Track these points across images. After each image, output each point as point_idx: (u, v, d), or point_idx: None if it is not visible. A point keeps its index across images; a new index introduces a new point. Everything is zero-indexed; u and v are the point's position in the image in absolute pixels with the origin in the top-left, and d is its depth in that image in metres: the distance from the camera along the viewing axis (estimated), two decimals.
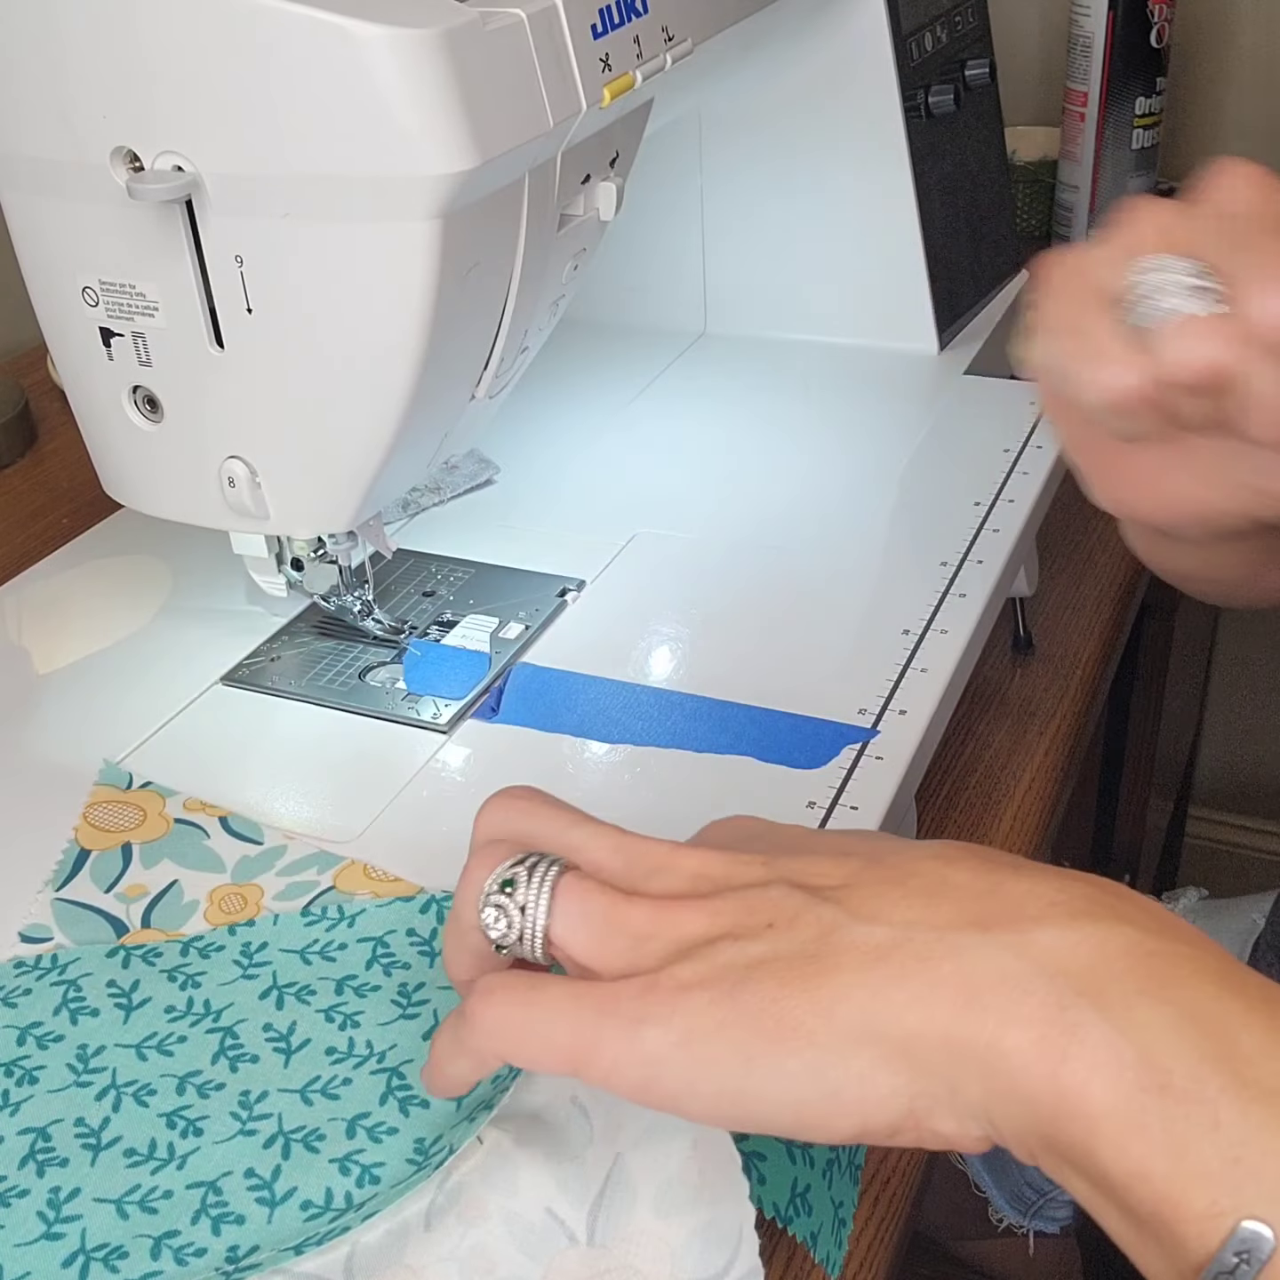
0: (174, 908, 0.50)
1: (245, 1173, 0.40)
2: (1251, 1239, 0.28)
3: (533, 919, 0.34)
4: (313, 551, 0.61)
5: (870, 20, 0.78)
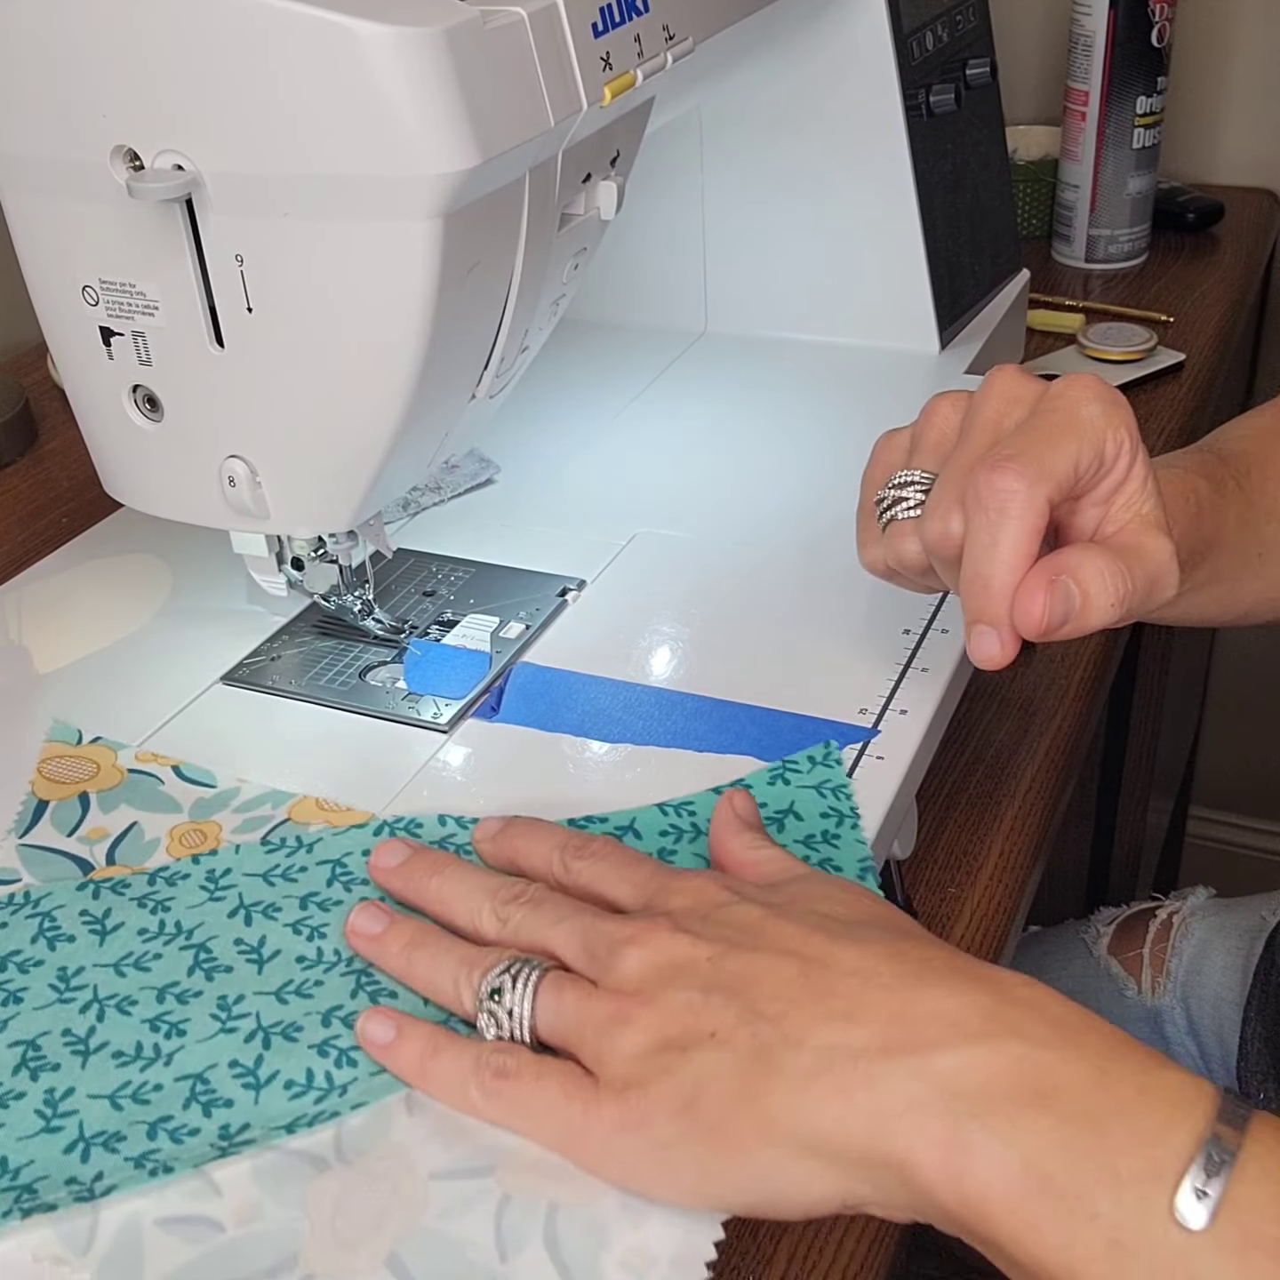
0: (136, 845, 0.51)
1: (229, 1063, 0.43)
2: None
3: (519, 1020, 0.41)
4: (313, 551, 0.61)
5: (871, 19, 0.78)
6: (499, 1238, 0.38)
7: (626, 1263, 0.37)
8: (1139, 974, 0.84)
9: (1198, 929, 0.84)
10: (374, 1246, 0.37)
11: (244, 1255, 0.38)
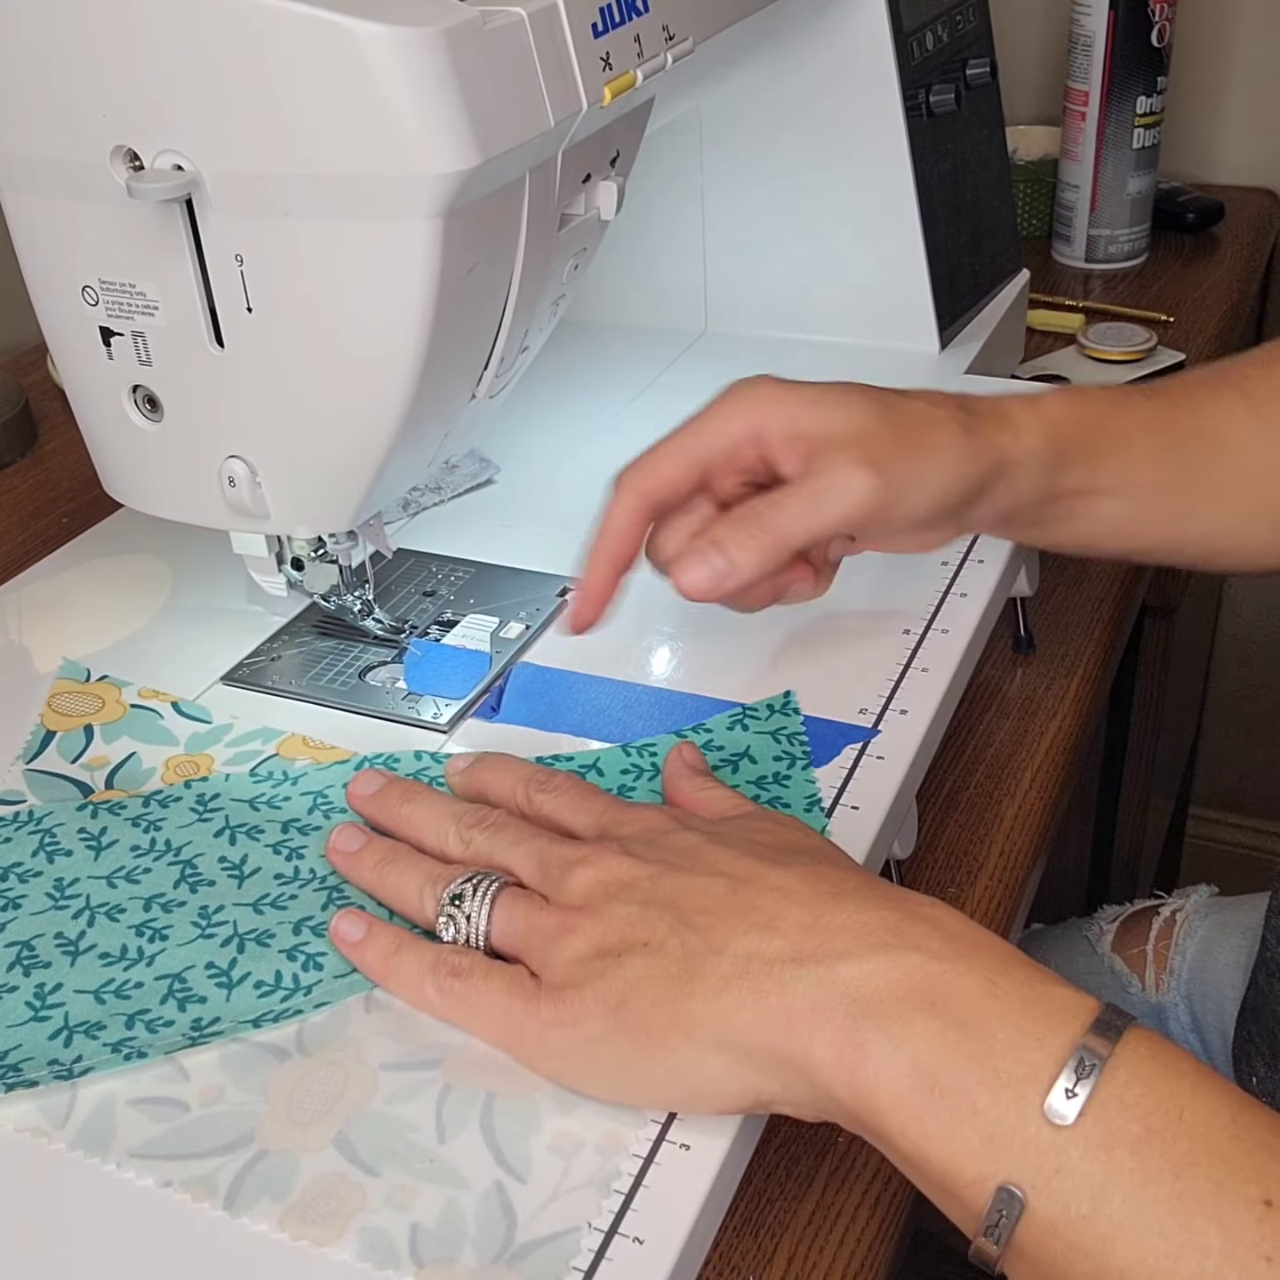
0: (134, 773, 0.55)
1: (205, 965, 0.46)
2: (1005, 1199, 0.35)
3: (475, 926, 0.44)
4: (313, 551, 0.61)
5: (871, 19, 0.78)
6: (439, 1122, 0.41)
7: (554, 1146, 0.40)
8: (1143, 971, 0.84)
9: (1201, 927, 0.84)
10: (324, 1126, 0.41)
11: (205, 1132, 0.41)
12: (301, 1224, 0.39)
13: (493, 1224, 0.39)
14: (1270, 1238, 0.33)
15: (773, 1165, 0.47)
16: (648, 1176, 0.40)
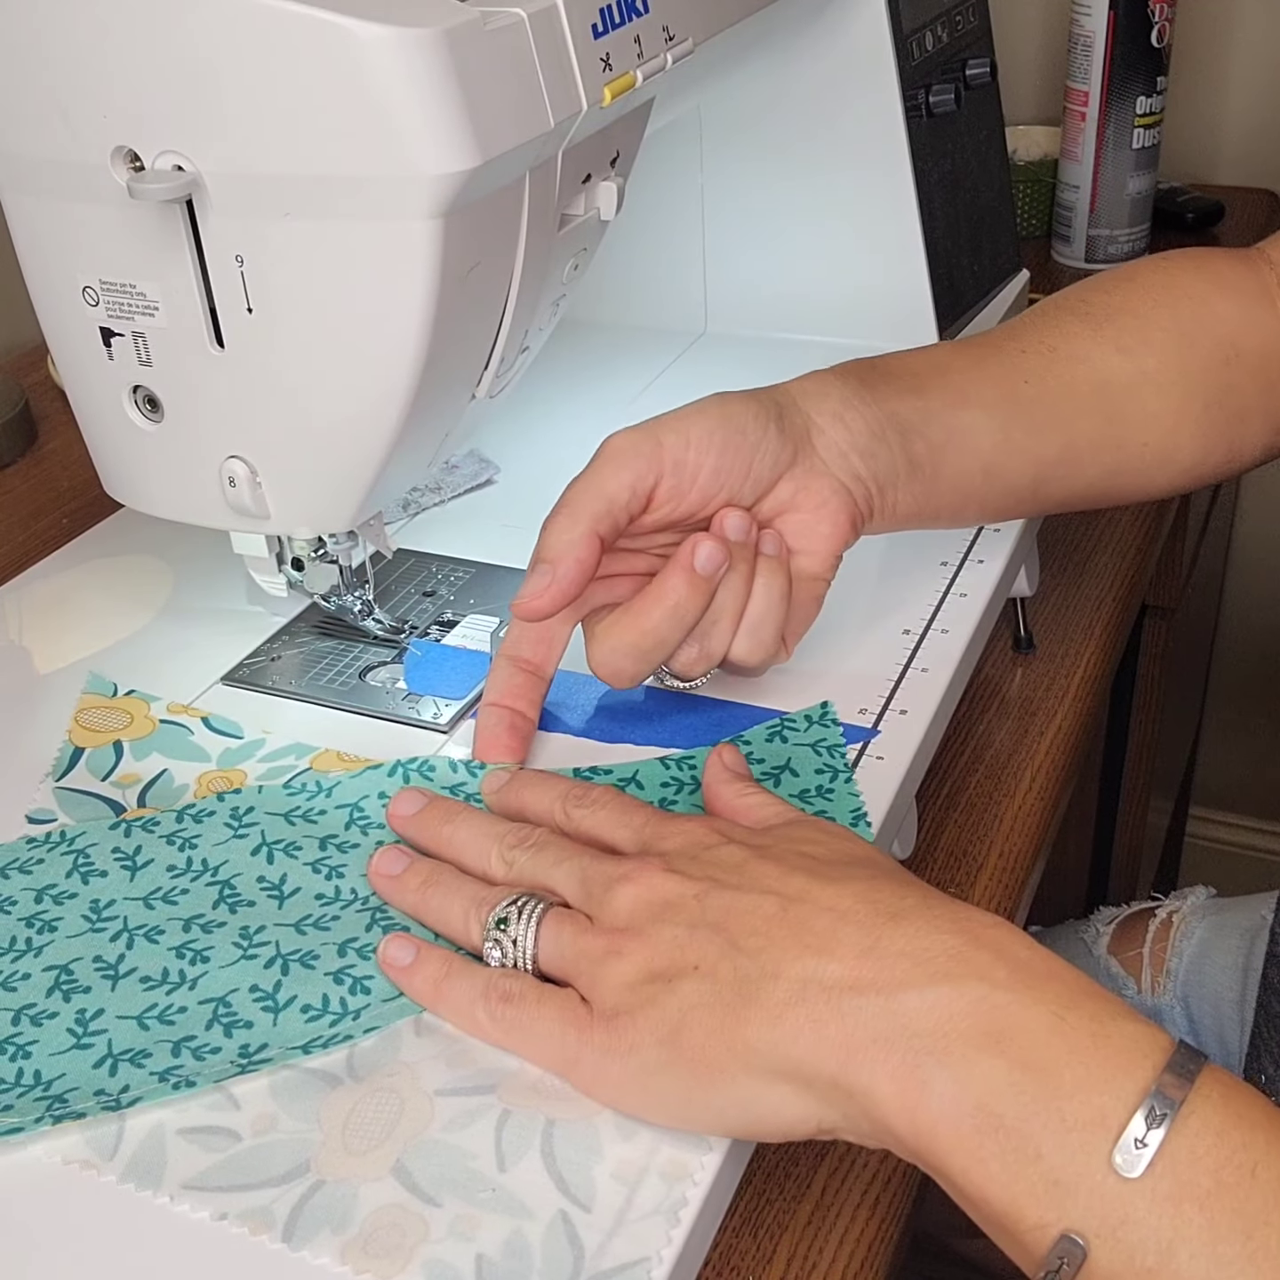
0: (166, 790, 0.54)
1: (250, 988, 0.45)
2: (1068, 1248, 0.34)
3: (522, 949, 0.44)
4: (313, 551, 0.61)
5: (871, 20, 0.78)
6: (499, 1149, 0.40)
7: (618, 1174, 0.40)
8: (1139, 973, 0.84)
9: (1198, 928, 0.84)
10: (381, 1154, 0.40)
11: (259, 1162, 0.40)
12: (364, 1256, 0.38)
13: (560, 1254, 0.38)
14: None
15: (772, 1165, 0.47)
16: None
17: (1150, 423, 0.62)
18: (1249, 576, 1.50)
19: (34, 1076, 0.43)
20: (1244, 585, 1.50)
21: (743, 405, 0.55)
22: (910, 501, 0.58)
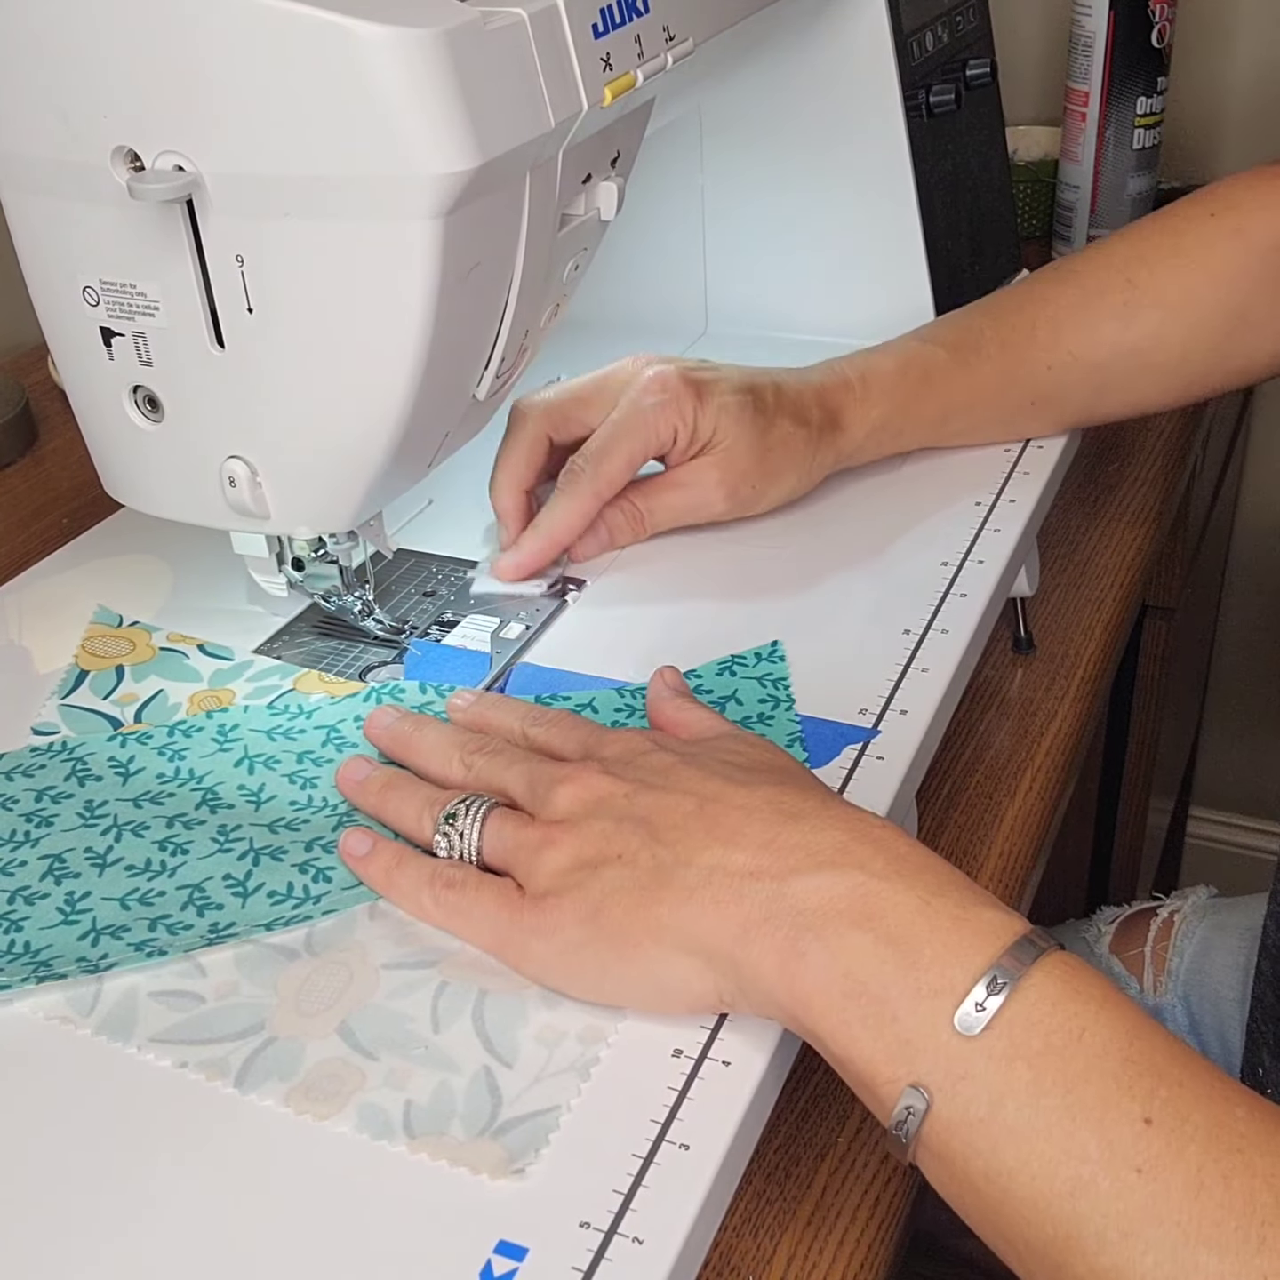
0: (161, 708, 0.59)
1: (223, 876, 0.50)
2: (914, 1099, 0.38)
3: (468, 842, 0.48)
4: (313, 551, 0.61)
5: (871, 20, 0.78)
6: (434, 1014, 0.45)
7: (540, 1037, 0.44)
8: (1141, 972, 0.84)
9: (1199, 928, 0.84)
10: (329, 1016, 0.45)
11: (220, 1021, 0.45)
12: (306, 1100, 0.42)
13: (480, 1102, 0.42)
14: (1144, 1152, 0.36)
15: (772, 1165, 0.48)
16: (647, 1176, 0.40)
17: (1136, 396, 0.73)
18: (1249, 576, 1.50)
19: (24, 946, 0.47)
20: (1244, 585, 1.50)
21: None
22: None
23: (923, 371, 0.69)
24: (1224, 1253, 0.34)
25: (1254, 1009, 0.71)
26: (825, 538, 0.69)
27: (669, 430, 0.65)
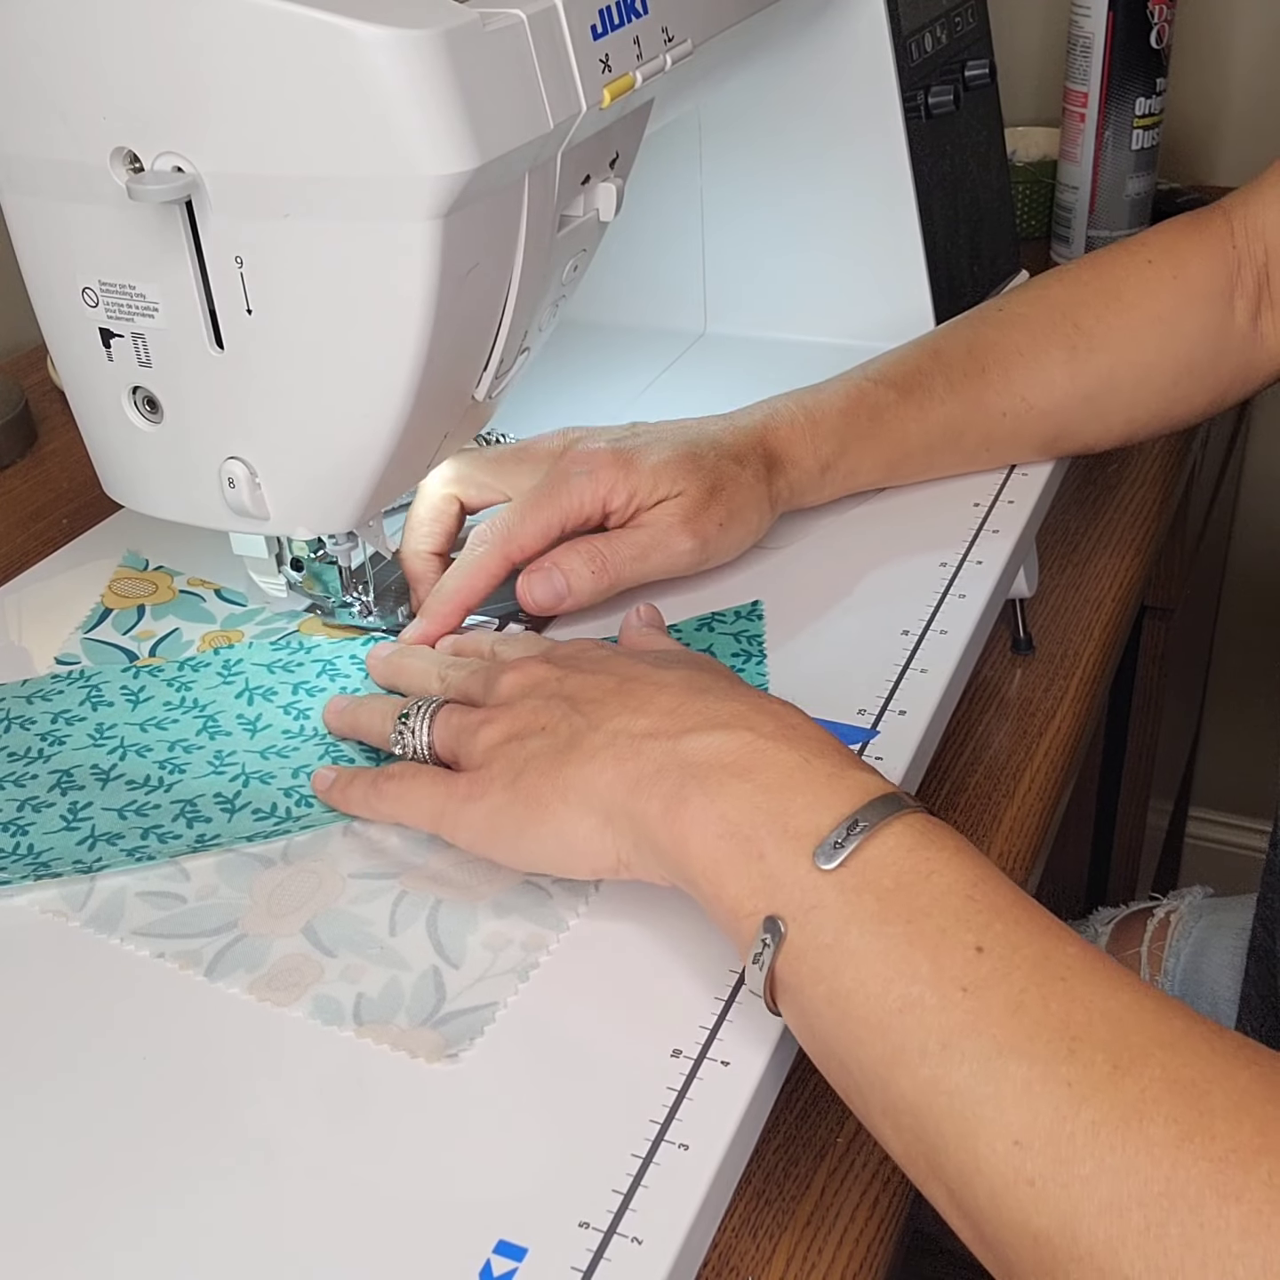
0: (175, 644, 0.64)
1: (214, 795, 0.55)
2: (770, 928, 0.41)
3: (419, 738, 0.52)
4: (312, 552, 0.61)
5: (870, 21, 0.78)
6: (392, 919, 0.49)
7: (487, 942, 0.48)
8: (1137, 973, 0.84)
9: (1195, 928, 0.85)
10: (296, 917, 0.49)
11: (197, 919, 0.50)
12: (267, 990, 0.47)
13: (425, 997, 0.46)
14: (972, 974, 0.38)
15: (771, 1166, 0.48)
16: (646, 1176, 0.40)
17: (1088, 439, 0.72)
18: (1249, 576, 1.50)
19: (28, 849, 0.52)
20: (1243, 586, 1.50)
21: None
22: None
23: (872, 411, 0.68)
24: (1033, 1061, 0.36)
25: (1242, 1010, 0.72)
26: (824, 538, 0.69)
27: (595, 502, 0.61)
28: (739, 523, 0.64)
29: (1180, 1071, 0.35)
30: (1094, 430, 0.72)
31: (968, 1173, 0.36)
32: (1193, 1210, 0.33)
